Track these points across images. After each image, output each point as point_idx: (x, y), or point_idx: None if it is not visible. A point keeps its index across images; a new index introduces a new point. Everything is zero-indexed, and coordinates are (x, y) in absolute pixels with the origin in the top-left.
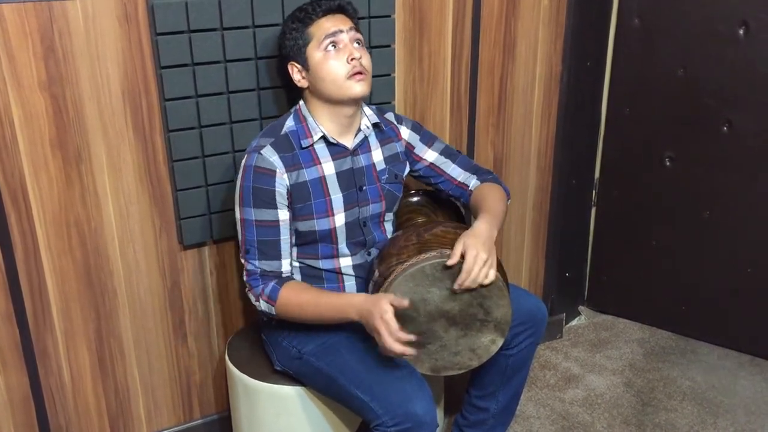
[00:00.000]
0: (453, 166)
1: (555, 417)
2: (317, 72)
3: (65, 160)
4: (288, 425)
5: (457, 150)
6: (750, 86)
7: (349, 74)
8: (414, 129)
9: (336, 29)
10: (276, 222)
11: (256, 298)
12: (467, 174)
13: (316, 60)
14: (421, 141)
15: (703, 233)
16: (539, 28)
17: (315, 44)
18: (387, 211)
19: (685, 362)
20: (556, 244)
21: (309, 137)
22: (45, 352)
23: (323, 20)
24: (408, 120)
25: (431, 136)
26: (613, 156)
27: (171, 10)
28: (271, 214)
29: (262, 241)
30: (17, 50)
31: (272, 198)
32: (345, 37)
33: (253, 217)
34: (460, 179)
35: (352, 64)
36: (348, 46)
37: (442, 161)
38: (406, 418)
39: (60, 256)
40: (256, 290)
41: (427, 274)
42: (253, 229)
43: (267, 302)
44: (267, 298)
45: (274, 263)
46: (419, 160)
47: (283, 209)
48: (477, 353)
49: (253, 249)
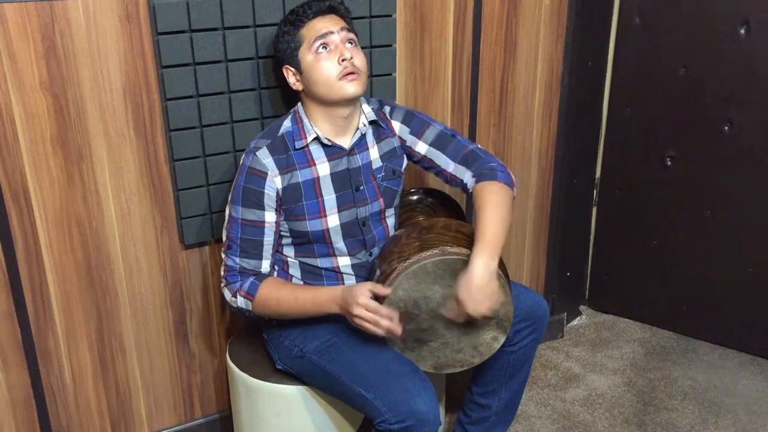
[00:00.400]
0: (443, 157)
1: (556, 416)
2: (310, 74)
3: (66, 160)
4: (289, 424)
5: (452, 133)
6: (751, 86)
7: (340, 75)
8: (404, 121)
9: (326, 30)
10: (261, 223)
11: (233, 294)
12: (458, 166)
13: (308, 62)
14: (411, 133)
15: (704, 232)
16: (540, 27)
17: (306, 47)
18: (387, 208)
19: (686, 362)
20: (557, 244)
21: (303, 138)
22: (46, 352)
23: (314, 22)
24: (400, 111)
25: (422, 123)
26: (614, 155)
27: (172, 10)
28: (257, 215)
29: (246, 240)
30: (18, 50)
31: (260, 199)
32: (336, 37)
33: (240, 215)
34: (450, 170)
35: (343, 65)
36: (339, 47)
37: (432, 152)
38: (409, 416)
39: (61, 255)
40: (233, 286)
41: (429, 272)
42: (238, 226)
43: (245, 297)
44: (245, 293)
45: (254, 262)
46: (413, 152)
47: (271, 212)
48: (479, 350)
49: (235, 246)
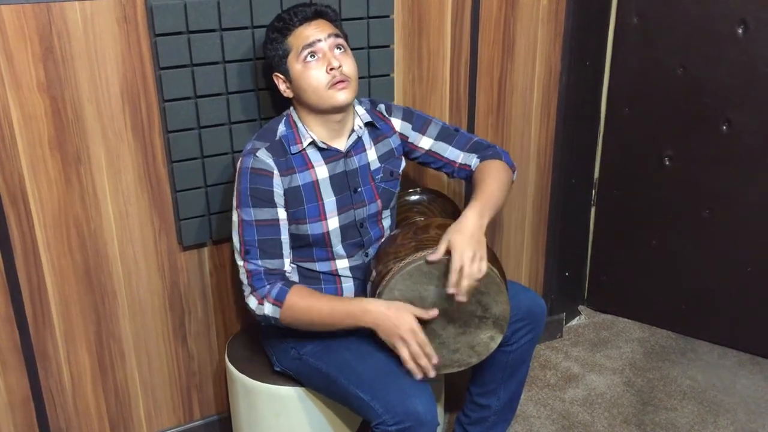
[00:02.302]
0: (450, 149)
1: (555, 416)
2: (299, 83)
3: (64, 162)
4: (288, 426)
5: (455, 128)
6: (749, 85)
7: (329, 84)
8: (405, 118)
9: (314, 39)
10: (276, 221)
11: (260, 301)
12: (467, 154)
13: (296, 71)
14: (413, 129)
15: (703, 232)
16: (538, 27)
17: (294, 55)
18: (384, 209)
19: (685, 361)
20: (555, 244)
21: (299, 143)
22: (45, 354)
23: (301, 29)
24: (398, 109)
25: (424, 120)
26: (612, 155)
27: (170, 11)
28: (270, 213)
29: (263, 240)
30: (16, 52)
31: (270, 197)
32: (324, 45)
33: (252, 217)
34: (460, 161)
35: (332, 74)
36: (327, 55)
37: (439, 146)
38: (407, 417)
39: (59, 257)
40: (260, 291)
41: (424, 272)
42: (253, 229)
43: (274, 304)
44: (274, 300)
45: (277, 261)
46: (416, 148)
47: (281, 209)
48: (476, 350)
49: (254, 249)
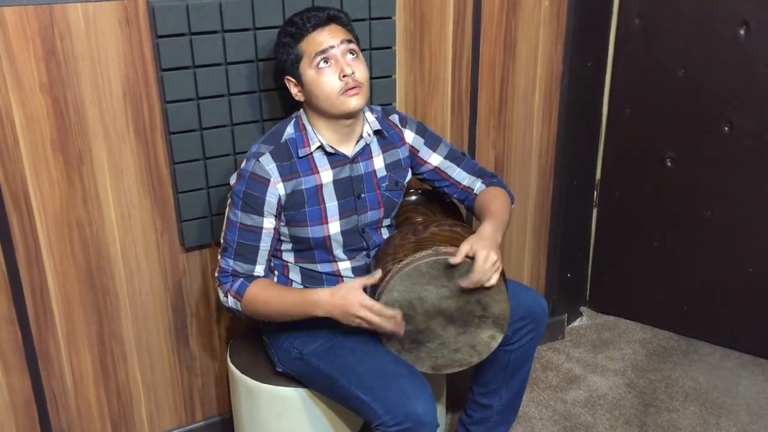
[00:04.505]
0: (458, 170)
1: (557, 418)
2: (311, 89)
3: (66, 163)
4: (290, 427)
5: (461, 152)
6: (751, 86)
7: (342, 91)
8: (418, 132)
9: (327, 45)
10: (259, 229)
11: (225, 294)
12: (472, 178)
13: (309, 77)
14: (425, 144)
15: (705, 233)
16: (540, 28)
17: (307, 61)
18: (385, 218)
19: (687, 362)
20: (557, 245)
21: (306, 147)
22: (47, 355)
23: (314, 34)
24: (413, 122)
25: (436, 138)
26: (614, 156)
27: (172, 13)
28: (255, 221)
29: (242, 244)
30: (18, 53)
31: (260, 206)
32: (336, 51)
33: (238, 219)
34: (465, 183)
35: (345, 81)
36: (340, 61)
37: (447, 165)
38: (407, 418)
39: (61, 259)
40: (224, 286)
41: (423, 272)
42: (235, 230)
43: (234, 297)
44: (235, 293)
45: (247, 266)
46: (423, 163)
47: (270, 218)
48: (477, 349)
49: (230, 249)
